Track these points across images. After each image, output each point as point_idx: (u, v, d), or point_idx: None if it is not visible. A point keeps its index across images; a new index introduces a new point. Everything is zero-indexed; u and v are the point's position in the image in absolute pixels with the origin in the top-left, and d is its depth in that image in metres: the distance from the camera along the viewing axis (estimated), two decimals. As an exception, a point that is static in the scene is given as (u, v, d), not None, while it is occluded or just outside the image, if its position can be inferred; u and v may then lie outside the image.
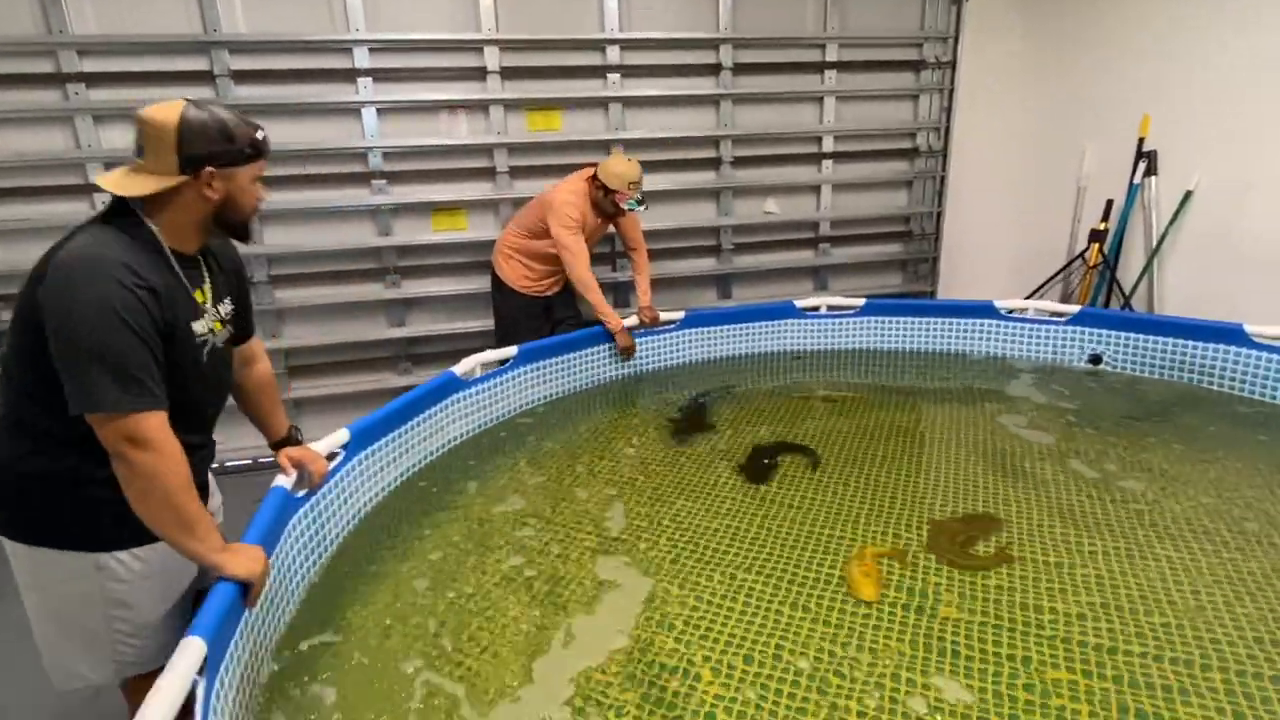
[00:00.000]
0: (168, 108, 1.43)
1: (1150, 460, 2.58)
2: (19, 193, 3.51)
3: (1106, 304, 4.35)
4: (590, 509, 2.38)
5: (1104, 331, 3.50)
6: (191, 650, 1.31)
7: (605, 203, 3.29)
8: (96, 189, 3.57)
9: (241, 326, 1.77)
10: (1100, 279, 4.38)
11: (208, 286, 1.59)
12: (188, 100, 1.45)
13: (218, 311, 1.61)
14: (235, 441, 3.46)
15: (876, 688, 1.58)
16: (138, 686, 1.60)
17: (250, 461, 3.77)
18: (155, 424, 1.37)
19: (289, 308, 3.97)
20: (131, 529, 1.49)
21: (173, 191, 1.43)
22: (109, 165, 3.58)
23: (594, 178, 3.30)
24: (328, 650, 1.75)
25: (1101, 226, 4.36)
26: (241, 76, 3.63)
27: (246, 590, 1.53)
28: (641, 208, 3.32)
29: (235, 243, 1.67)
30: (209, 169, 1.44)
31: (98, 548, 1.51)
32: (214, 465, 1.71)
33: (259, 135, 1.52)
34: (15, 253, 3.56)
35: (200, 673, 1.32)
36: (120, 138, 3.58)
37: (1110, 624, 1.76)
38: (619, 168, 3.25)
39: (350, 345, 4.12)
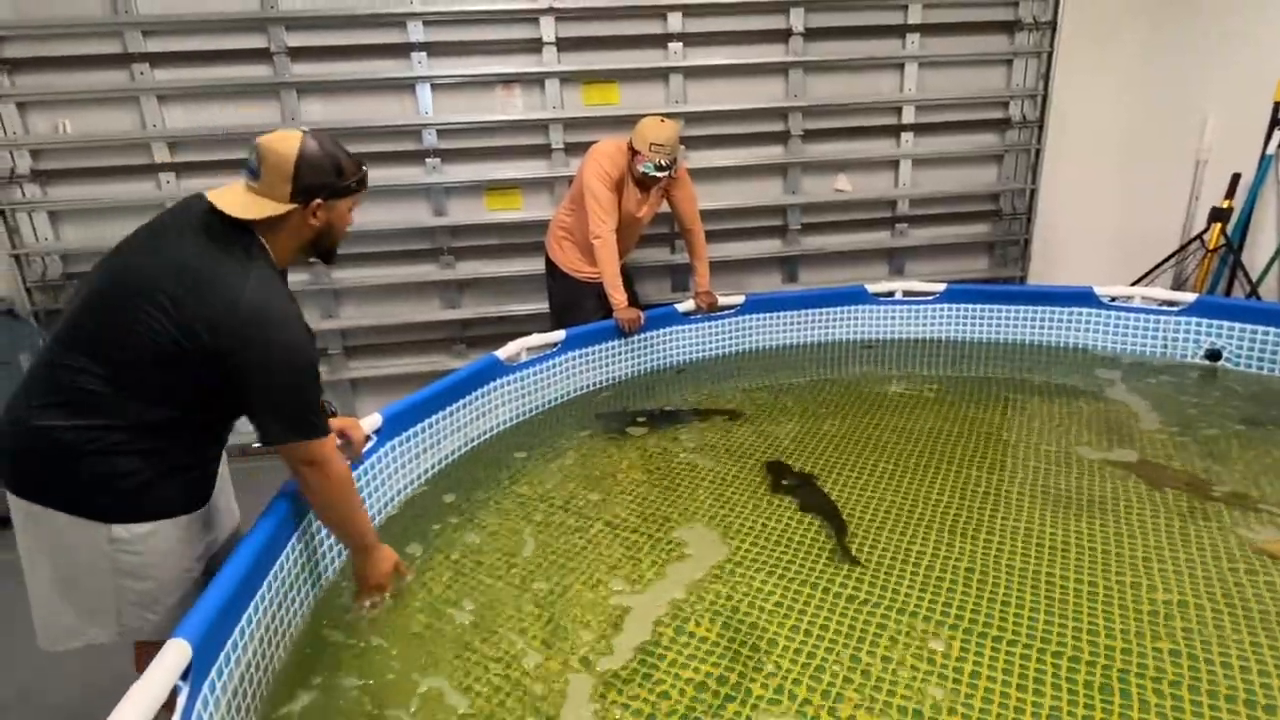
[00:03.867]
0: (288, 138, 1.51)
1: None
2: (88, 173, 3.59)
3: (1228, 293, 3.86)
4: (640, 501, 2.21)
5: (1225, 323, 3.07)
6: (172, 654, 1.21)
7: (632, 165, 3.04)
8: (161, 169, 3.63)
9: None
10: (1221, 264, 3.89)
11: None
12: (304, 132, 1.54)
13: None
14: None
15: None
16: (144, 652, 1.58)
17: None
18: (331, 446, 1.60)
19: (345, 288, 3.96)
20: (149, 502, 1.48)
21: (281, 217, 1.51)
22: (173, 145, 3.63)
23: (630, 141, 3.07)
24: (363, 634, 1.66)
25: (1225, 205, 3.86)
26: (298, 53, 3.60)
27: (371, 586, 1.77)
28: (661, 174, 2.99)
29: None
30: (318, 200, 1.53)
31: (114, 518, 1.46)
32: (253, 445, 1.77)
33: (363, 171, 1.64)
34: (85, 231, 3.66)
35: (184, 678, 1.23)
36: (183, 118, 3.62)
37: (1236, 674, 1.46)
38: (644, 127, 2.97)
39: (405, 326, 4.08)
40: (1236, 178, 3.83)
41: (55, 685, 2.26)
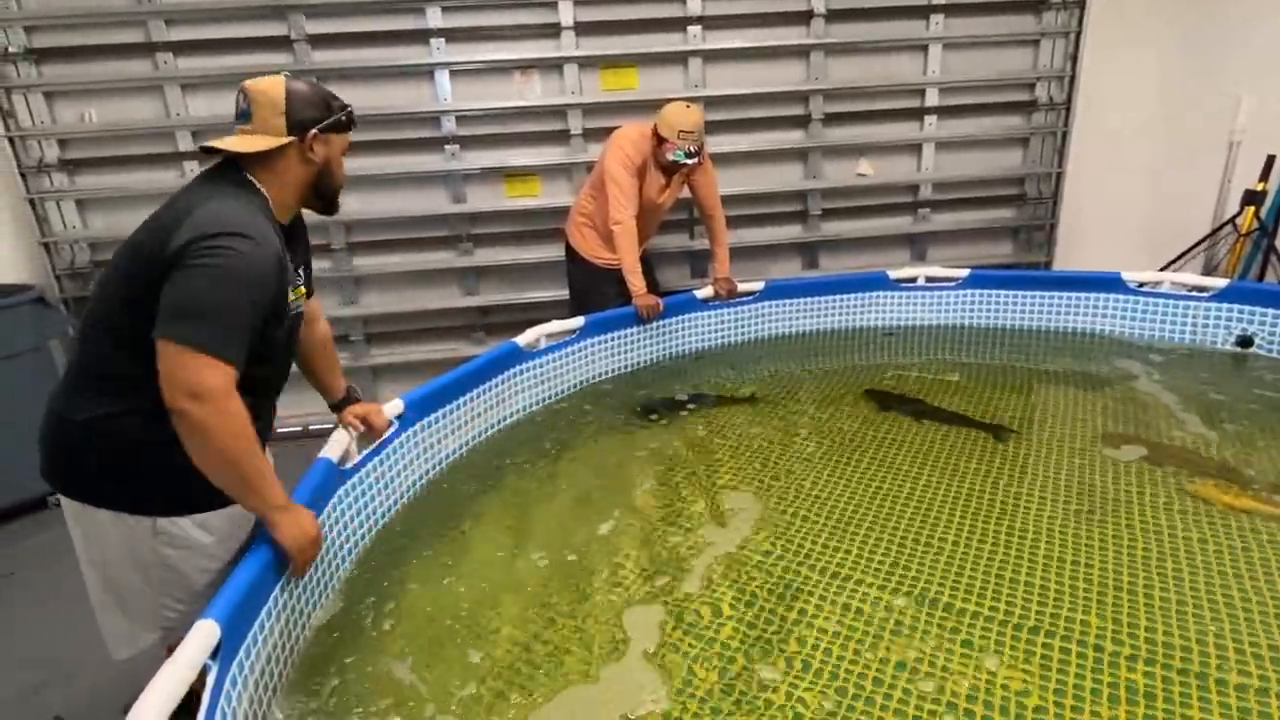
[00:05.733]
0: (271, 79, 1.53)
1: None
2: (114, 162, 3.64)
3: (1261, 278, 3.78)
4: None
5: (1258, 309, 3.00)
6: (202, 635, 1.23)
7: (659, 153, 3.03)
8: (185, 156, 3.66)
9: (308, 289, 1.78)
10: (1255, 248, 3.81)
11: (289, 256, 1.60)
12: (286, 74, 1.56)
13: (298, 278, 1.63)
14: (289, 409, 3.52)
15: None
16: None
17: (301, 429, 3.82)
18: (229, 382, 1.33)
19: (366, 275, 3.99)
20: (196, 494, 1.47)
21: (279, 154, 1.51)
22: (196, 134, 3.66)
23: (655, 128, 3.05)
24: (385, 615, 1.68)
25: (1259, 187, 3.77)
26: (318, 41, 3.62)
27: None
28: (691, 161, 2.99)
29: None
30: (313, 132, 1.53)
31: (160, 511, 1.48)
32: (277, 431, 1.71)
33: (350, 107, 1.64)
34: (111, 219, 3.72)
35: (214, 657, 1.25)
36: (205, 106, 3.65)
37: None
38: (671, 114, 2.95)
39: (425, 313, 4.11)
40: (1271, 159, 3.73)
41: (55, 685, 2.24)
